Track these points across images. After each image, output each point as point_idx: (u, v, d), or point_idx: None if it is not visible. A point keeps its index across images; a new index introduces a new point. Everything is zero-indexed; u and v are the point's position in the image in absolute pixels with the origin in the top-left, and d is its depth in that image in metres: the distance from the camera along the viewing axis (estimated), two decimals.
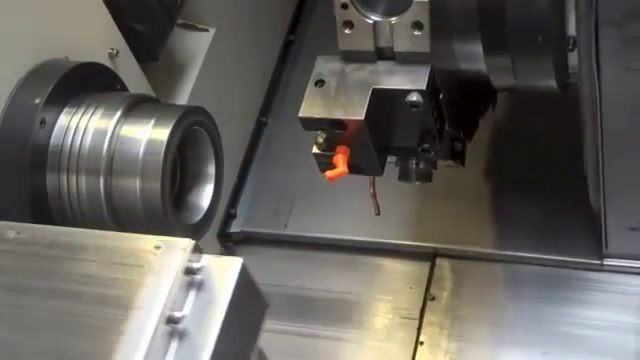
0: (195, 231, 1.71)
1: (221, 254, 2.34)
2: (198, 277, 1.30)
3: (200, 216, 1.73)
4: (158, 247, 1.31)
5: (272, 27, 2.69)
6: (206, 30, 2.31)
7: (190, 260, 1.30)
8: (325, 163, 1.67)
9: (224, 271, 1.31)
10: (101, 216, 1.61)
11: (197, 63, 2.25)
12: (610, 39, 1.52)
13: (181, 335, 1.26)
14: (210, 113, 1.74)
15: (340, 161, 1.64)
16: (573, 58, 1.65)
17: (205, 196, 1.75)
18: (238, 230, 2.43)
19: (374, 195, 1.84)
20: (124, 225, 1.60)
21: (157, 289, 1.27)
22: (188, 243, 1.31)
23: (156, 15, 2.01)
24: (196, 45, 2.28)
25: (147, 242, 1.33)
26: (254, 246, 2.43)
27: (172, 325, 1.26)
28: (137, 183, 1.59)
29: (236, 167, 2.49)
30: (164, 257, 1.30)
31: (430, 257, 2.26)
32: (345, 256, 2.32)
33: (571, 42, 1.62)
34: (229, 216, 2.44)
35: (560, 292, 2.12)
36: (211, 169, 1.76)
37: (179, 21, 2.17)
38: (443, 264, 2.25)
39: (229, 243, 2.43)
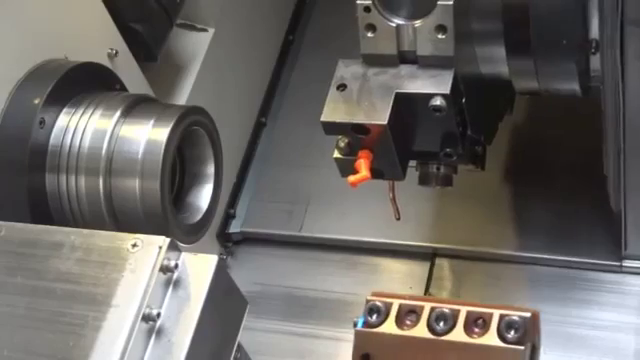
0: (194, 231, 1.71)
1: (220, 254, 2.35)
2: (175, 274, 1.31)
3: (199, 216, 1.73)
4: (135, 245, 1.32)
5: (271, 27, 2.68)
6: (205, 30, 2.31)
7: (166, 258, 1.30)
8: (346, 168, 1.65)
9: (200, 268, 1.32)
10: (100, 216, 1.61)
11: (196, 63, 2.25)
12: (635, 40, 1.51)
13: (158, 332, 1.27)
14: (209, 113, 1.74)
15: (362, 166, 1.62)
16: (594, 61, 1.64)
17: (204, 196, 1.75)
18: (237, 230, 2.42)
19: (394, 200, 1.82)
20: (123, 225, 1.60)
21: (134, 287, 1.28)
22: (164, 241, 1.31)
23: (155, 15, 2.01)
24: (195, 45, 2.28)
25: (124, 240, 1.34)
26: (253, 246, 2.43)
27: (149, 322, 1.26)
28: (136, 183, 1.59)
29: (235, 167, 2.48)
30: (141, 255, 1.30)
31: (430, 257, 2.26)
32: (345, 256, 2.32)
33: (593, 45, 1.61)
34: (228, 216, 2.44)
35: (576, 294, 2.11)
36: (210, 169, 1.76)
37: (178, 21, 2.17)
38: (443, 264, 2.24)
39: (228, 243, 2.43)
